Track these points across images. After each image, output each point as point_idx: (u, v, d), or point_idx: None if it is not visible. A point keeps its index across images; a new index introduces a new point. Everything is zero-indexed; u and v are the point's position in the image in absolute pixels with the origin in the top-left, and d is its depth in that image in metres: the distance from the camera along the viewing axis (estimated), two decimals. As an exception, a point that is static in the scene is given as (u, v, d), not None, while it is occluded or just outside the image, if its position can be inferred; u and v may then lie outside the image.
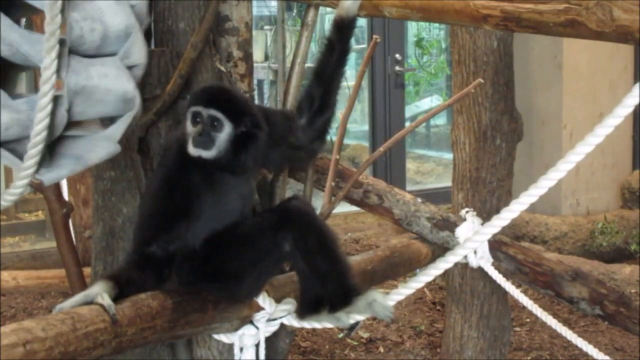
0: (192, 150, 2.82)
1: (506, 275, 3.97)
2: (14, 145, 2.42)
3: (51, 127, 2.39)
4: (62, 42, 2.35)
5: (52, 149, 2.49)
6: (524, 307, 4.41)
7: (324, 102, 3.16)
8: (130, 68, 2.57)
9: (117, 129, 2.58)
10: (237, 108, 2.88)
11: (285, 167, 3.52)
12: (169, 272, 2.84)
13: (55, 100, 2.38)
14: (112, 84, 2.47)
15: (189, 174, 2.87)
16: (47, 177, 2.47)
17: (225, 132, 2.83)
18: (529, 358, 5.89)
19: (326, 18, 9.30)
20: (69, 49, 2.41)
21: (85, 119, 2.53)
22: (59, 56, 2.34)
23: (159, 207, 2.88)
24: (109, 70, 2.46)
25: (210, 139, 2.82)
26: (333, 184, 3.73)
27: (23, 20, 4.05)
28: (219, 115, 2.83)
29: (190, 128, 2.84)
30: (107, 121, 2.61)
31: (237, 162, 2.89)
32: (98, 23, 2.41)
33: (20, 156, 2.42)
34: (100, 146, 2.54)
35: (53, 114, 2.36)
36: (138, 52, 2.54)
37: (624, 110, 2.70)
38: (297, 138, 3.13)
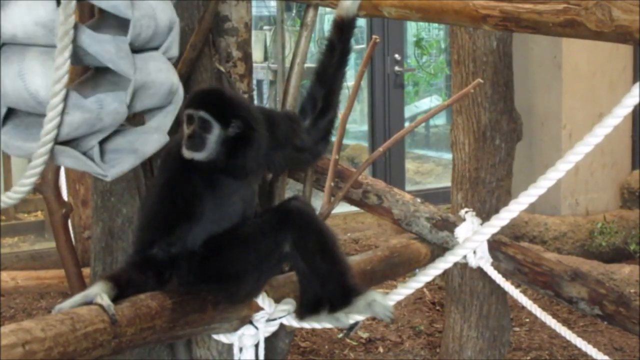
0: (185, 152, 2.83)
1: (505, 275, 3.97)
2: (72, 145, 2.44)
3: (106, 124, 2.44)
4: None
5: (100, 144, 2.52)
6: (523, 307, 4.41)
7: (326, 103, 3.16)
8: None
9: (166, 120, 2.62)
10: (226, 109, 2.87)
11: (289, 169, 3.52)
12: (170, 274, 2.85)
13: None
14: (164, 77, 2.52)
15: (190, 177, 2.87)
16: (111, 172, 2.51)
17: (214, 134, 2.83)
18: (529, 358, 5.89)
19: (325, 18, 9.31)
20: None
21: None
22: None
23: (161, 209, 2.88)
24: (161, 65, 2.51)
25: (201, 140, 2.83)
26: (332, 184, 3.73)
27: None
28: (207, 116, 2.83)
29: (185, 130, 2.85)
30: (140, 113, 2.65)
31: (234, 165, 2.88)
32: (152, 20, 2.45)
33: (82, 153, 2.45)
34: (153, 139, 2.58)
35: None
36: (176, 46, 2.60)
37: (623, 110, 2.70)
38: (302, 140, 3.13)
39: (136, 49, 2.46)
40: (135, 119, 2.86)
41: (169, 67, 2.57)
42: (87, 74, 2.55)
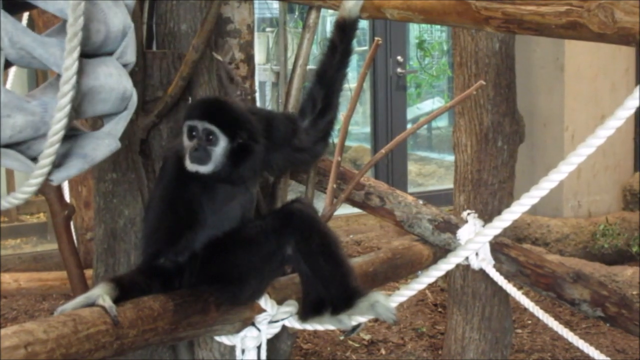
0: (190, 166, 2.82)
1: (508, 277, 3.97)
2: (22, 148, 2.43)
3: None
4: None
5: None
6: (525, 309, 4.41)
7: (326, 103, 3.16)
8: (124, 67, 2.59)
9: (118, 126, 2.60)
10: (232, 121, 2.86)
11: (288, 169, 3.52)
12: (179, 282, 2.85)
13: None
14: (115, 82, 2.49)
15: (188, 186, 2.86)
16: (58, 176, 2.49)
17: (220, 146, 2.83)
18: (531, 360, 5.89)
19: (328, 20, 9.31)
20: None
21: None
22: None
23: (163, 220, 2.89)
24: (112, 70, 2.49)
25: (207, 153, 2.81)
26: (335, 186, 3.72)
27: (25, 17, 4.05)
28: (214, 128, 2.82)
29: (186, 142, 2.84)
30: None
31: (235, 175, 2.88)
32: (102, 24, 2.43)
33: (29, 158, 2.43)
34: (104, 144, 2.56)
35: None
36: (131, 51, 2.57)
37: (626, 112, 2.70)
38: (300, 140, 3.13)
39: (88, 54, 2.44)
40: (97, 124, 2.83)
41: (122, 73, 2.54)
42: (51, 79, 2.54)
